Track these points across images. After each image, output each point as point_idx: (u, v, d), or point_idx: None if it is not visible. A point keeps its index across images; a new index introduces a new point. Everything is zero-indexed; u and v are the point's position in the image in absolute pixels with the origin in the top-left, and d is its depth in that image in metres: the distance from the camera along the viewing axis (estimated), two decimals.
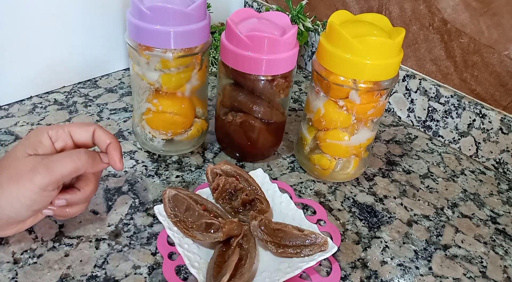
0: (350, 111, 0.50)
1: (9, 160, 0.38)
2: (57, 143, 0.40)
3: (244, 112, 0.54)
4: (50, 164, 0.37)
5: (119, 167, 0.42)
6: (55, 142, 0.40)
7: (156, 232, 0.46)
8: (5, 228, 0.39)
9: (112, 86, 0.72)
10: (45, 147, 0.39)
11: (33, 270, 0.41)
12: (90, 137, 0.42)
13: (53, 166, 0.37)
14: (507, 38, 0.58)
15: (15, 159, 0.37)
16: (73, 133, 0.41)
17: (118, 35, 0.72)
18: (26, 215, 0.38)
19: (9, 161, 0.38)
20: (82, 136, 0.41)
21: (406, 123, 0.72)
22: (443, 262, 0.48)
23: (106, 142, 0.42)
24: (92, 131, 0.42)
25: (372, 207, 0.54)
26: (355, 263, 0.46)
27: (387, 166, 0.62)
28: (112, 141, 0.42)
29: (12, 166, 0.37)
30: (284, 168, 0.59)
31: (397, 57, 0.47)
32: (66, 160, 0.38)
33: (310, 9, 0.82)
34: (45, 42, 0.64)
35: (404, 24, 0.68)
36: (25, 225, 0.40)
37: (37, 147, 0.39)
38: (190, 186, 0.53)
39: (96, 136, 0.42)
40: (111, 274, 0.42)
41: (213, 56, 0.76)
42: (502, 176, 0.63)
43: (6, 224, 0.38)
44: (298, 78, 0.82)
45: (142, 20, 0.46)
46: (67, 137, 0.41)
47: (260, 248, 0.45)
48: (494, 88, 0.62)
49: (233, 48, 0.48)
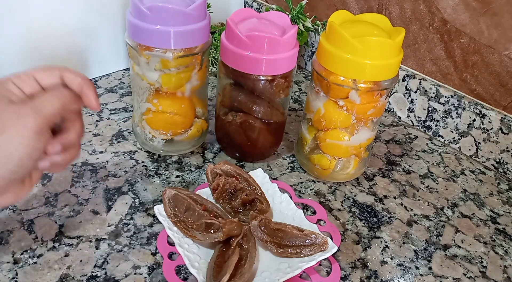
0: (350, 111, 0.50)
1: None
2: (25, 89, 0.37)
3: (244, 112, 0.54)
4: (38, 105, 0.35)
5: (95, 105, 0.39)
6: (22, 88, 0.37)
7: (156, 232, 0.46)
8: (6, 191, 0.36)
9: (112, 86, 0.72)
10: (17, 95, 0.36)
11: (33, 270, 0.41)
12: (57, 81, 0.39)
13: (40, 106, 0.35)
14: (507, 38, 0.58)
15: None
16: (39, 78, 0.38)
17: (118, 35, 0.72)
18: (28, 165, 0.36)
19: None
20: (49, 80, 0.38)
21: (406, 123, 0.72)
22: (443, 262, 0.48)
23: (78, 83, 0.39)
24: (58, 74, 0.39)
25: (372, 207, 0.54)
26: (355, 263, 0.46)
27: (387, 166, 0.62)
28: (84, 80, 0.39)
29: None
30: (284, 168, 0.59)
31: (397, 57, 0.47)
32: (51, 98, 0.36)
33: (310, 9, 0.82)
34: (45, 42, 0.64)
35: (404, 24, 0.68)
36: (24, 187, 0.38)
37: (10, 96, 0.36)
38: (190, 186, 0.53)
39: (66, 78, 0.39)
40: (111, 274, 0.42)
41: (213, 56, 0.76)
42: (502, 176, 0.63)
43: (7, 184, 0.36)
44: (298, 78, 0.82)
45: (142, 20, 0.46)
46: (33, 83, 0.38)
47: (260, 248, 0.45)
48: (494, 88, 0.62)
49: (233, 48, 0.48)
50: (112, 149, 0.58)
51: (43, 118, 0.35)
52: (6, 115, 0.34)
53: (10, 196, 0.37)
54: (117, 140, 0.60)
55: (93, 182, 0.52)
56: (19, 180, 0.37)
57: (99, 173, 0.53)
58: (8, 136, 0.33)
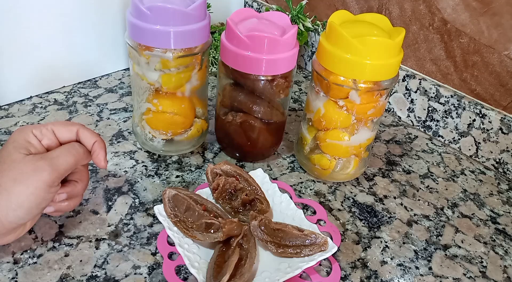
0: (350, 111, 0.50)
1: (6, 162, 0.38)
2: (43, 141, 0.41)
3: (244, 112, 0.54)
4: (53, 160, 0.38)
5: (103, 165, 0.43)
6: (41, 140, 0.40)
7: (156, 232, 0.46)
8: (9, 233, 0.39)
9: (112, 86, 0.72)
10: (35, 146, 0.40)
11: (33, 270, 0.41)
12: (74, 136, 0.42)
13: (55, 162, 0.39)
14: (507, 38, 0.58)
15: (13, 161, 0.38)
16: (57, 132, 0.41)
17: (118, 35, 0.72)
18: (35, 213, 0.39)
19: (6, 163, 0.38)
20: (66, 135, 0.42)
21: (406, 123, 0.72)
22: (443, 262, 0.48)
23: (91, 141, 0.42)
24: (76, 131, 0.42)
25: (372, 207, 0.54)
26: (355, 263, 0.46)
27: (387, 166, 0.62)
28: (97, 140, 0.43)
29: (13, 168, 0.37)
30: (284, 168, 0.59)
31: (397, 57, 0.47)
32: (66, 154, 0.40)
33: (310, 9, 0.82)
34: (45, 42, 0.64)
35: (404, 24, 0.68)
36: (25, 228, 0.41)
37: (29, 147, 0.39)
38: (190, 186, 0.53)
39: (81, 136, 0.42)
40: (111, 274, 0.42)
41: (213, 56, 0.76)
42: (502, 176, 0.63)
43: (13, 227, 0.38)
44: (298, 78, 0.82)
45: (142, 20, 0.46)
46: (51, 136, 0.41)
47: (260, 248, 0.45)
48: (494, 88, 0.62)
49: (233, 48, 0.48)
50: (112, 149, 0.58)
51: (57, 173, 0.38)
52: (24, 167, 0.37)
53: (12, 236, 0.40)
54: (117, 140, 0.60)
55: (93, 182, 0.52)
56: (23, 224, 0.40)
57: (99, 173, 0.53)
58: (23, 187, 0.37)
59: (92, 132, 0.43)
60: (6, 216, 0.37)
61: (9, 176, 0.37)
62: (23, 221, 0.38)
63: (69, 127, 0.42)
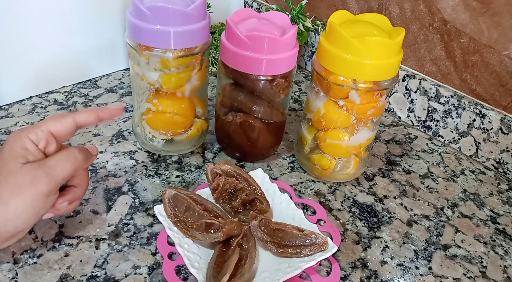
0: (350, 111, 0.50)
1: (3, 173, 0.37)
2: (40, 145, 0.39)
3: (244, 112, 0.54)
4: (50, 169, 0.38)
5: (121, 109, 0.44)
6: (37, 144, 0.39)
7: (156, 232, 0.46)
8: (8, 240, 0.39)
9: (112, 86, 0.72)
10: (32, 153, 0.38)
11: (33, 270, 0.41)
12: (71, 127, 0.41)
13: (53, 171, 0.38)
14: (507, 38, 0.58)
15: (10, 172, 0.37)
16: (53, 130, 0.40)
17: (118, 35, 0.72)
18: (34, 222, 0.39)
19: (3, 175, 0.37)
20: (63, 129, 0.41)
21: (406, 123, 0.72)
22: (443, 262, 0.48)
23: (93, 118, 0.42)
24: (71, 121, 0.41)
25: (372, 207, 0.54)
26: (355, 263, 0.46)
27: (387, 166, 0.62)
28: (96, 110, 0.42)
29: (10, 180, 0.36)
30: (284, 168, 0.59)
31: (397, 57, 0.47)
32: (64, 162, 0.39)
33: (310, 9, 0.82)
34: (45, 42, 0.64)
35: (404, 24, 0.68)
36: (24, 232, 0.41)
37: (26, 154, 0.38)
38: (190, 186, 0.53)
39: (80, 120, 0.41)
40: (111, 274, 0.42)
41: (213, 56, 0.76)
42: (502, 176, 0.63)
43: (12, 235, 0.38)
44: (298, 78, 0.82)
45: (142, 20, 0.46)
46: (48, 136, 0.40)
47: (260, 248, 0.45)
48: (494, 88, 0.62)
49: (233, 48, 0.48)
50: (112, 149, 0.58)
51: (54, 183, 0.38)
52: (21, 178, 0.37)
53: (10, 242, 0.40)
54: (117, 140, 0.60)
55: (93, 182, 0.52)
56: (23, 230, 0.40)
57: (99, 173, 0.53)
58: (20, 199, 0.36)
59: (88, 111, 0.42)
60: (4, 226, 0.36)
61: (5, 188, 0.36)
62: (22, 230, 0.38)
63: (63, 120, 0.41)
